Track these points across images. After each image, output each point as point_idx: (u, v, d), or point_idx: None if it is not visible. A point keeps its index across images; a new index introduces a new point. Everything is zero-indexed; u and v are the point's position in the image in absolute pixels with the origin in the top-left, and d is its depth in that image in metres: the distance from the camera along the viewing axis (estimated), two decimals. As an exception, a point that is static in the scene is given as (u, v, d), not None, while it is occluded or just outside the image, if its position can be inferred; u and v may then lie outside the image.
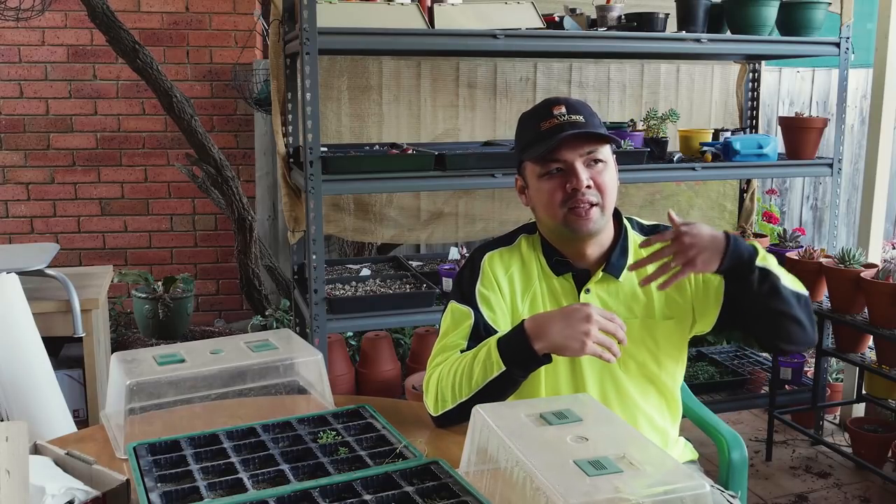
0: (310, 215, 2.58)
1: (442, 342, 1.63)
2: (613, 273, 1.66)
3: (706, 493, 1.06)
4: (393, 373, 3.42)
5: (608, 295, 1.67)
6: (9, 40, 4.12)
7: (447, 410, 1.53)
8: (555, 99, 1.63)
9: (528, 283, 1.68)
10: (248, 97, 3.91)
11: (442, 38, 2.67)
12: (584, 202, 1.57)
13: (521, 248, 1.71)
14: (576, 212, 1.57)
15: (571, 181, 1.57)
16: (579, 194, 1.56)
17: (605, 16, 2.91)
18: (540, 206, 1.63)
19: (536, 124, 1.60)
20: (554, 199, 1.59)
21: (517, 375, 1.48)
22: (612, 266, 1.66)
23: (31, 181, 4.24)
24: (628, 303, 1.67)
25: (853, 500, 2.94)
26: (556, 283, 1.67)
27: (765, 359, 3.79)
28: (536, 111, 1.64)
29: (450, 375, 1.53)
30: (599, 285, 1.66)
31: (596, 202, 1.58)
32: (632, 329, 1.65)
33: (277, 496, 1.19)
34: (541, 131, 1.58)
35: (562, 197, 1.58)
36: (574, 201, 1.57)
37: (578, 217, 1.58)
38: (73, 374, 2.58)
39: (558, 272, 1.67)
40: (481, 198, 3.49)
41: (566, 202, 1.58)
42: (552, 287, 1.68)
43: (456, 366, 1.54)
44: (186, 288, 3.91)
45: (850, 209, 4.82)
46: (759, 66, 3.65)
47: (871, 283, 2.79)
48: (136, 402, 1.45)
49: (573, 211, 1.58)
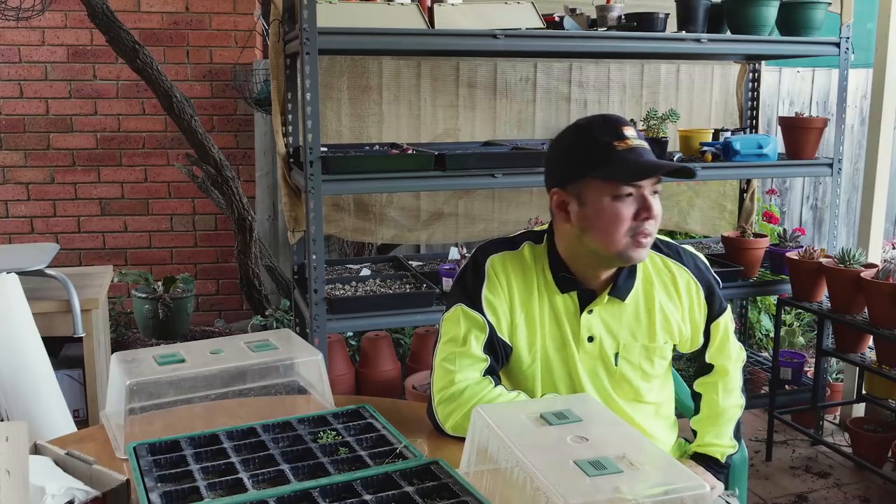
0: (310, 215, 2.58)
1: (459, 348, 1.57)
2: (619, 296, 1.63)
3: (706, 493, 1.06)
4: (393, 373, 3.42)
5: (611, 317, 1.64)
6: (9, 40, 4.13)
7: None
8: (621, 119, 1.57)
9: (527, 294, 1.63)
10: (248, 97, 3.91)
11: (442, 38, 2.67)
12: (649, 233, 1.54)
13: (525, 255, 1.65)
14: (638, 241, 1.53)
15: (645, 209, 1.52)
16: (647, 224, 1.53)
17: (605, 16, 2.91)
18: (599, 230, 1.53)
19: (609, 143, 1.51)
20: (622, 226, 1.52)
21: None
22: (618, 289, 1.62)
23: (31, 181, 4.24)
24: (631, 326, 1.65)
25: (853, 500, 2.94)
26: (559, 299, 1.63)
27: (765, 359, 3.79)
28: (605, 127, 1.54)
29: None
30: (604, 307, 1.63)
31: (653, 233, 1.56)
32: (631, 352, 1.65)
33: (277, 496, 1.19)
34: (617, 150, 1.51)
35: (630, 224, 1.52)
36: (640, 231, 1.52)
37: (639, 247, 1.53)
38: (73, 374, 2.57)
39: (563, 289, 1.62)
40: (481, 198, 3.48)
41: (631, 230, 1.52)
42: (553, 303, 1.63)
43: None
44: (186, 288, 3.91)
45: (850, 209, 4.82)
46: (759, 66, 3.65)
47: (871, 283, 2.79)
48: (136, 402, 1.45)
49: (636, 240, 1.53)
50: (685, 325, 1.69)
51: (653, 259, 1.68)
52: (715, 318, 1.72)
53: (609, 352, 1.64)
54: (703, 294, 1.69)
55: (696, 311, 1.69)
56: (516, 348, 1.63)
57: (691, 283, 1.68)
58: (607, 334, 1.64)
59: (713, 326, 1.73)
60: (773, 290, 3.33)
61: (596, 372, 1.65)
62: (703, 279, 1.70)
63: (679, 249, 1.72)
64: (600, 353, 1.64)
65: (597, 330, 1.63)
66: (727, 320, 1.74)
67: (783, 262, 3.21)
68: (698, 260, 1.73)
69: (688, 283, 1.68)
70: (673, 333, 1.68)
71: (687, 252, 1.73)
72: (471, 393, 1.53)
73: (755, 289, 3.33)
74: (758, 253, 3.27)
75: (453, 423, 1.52)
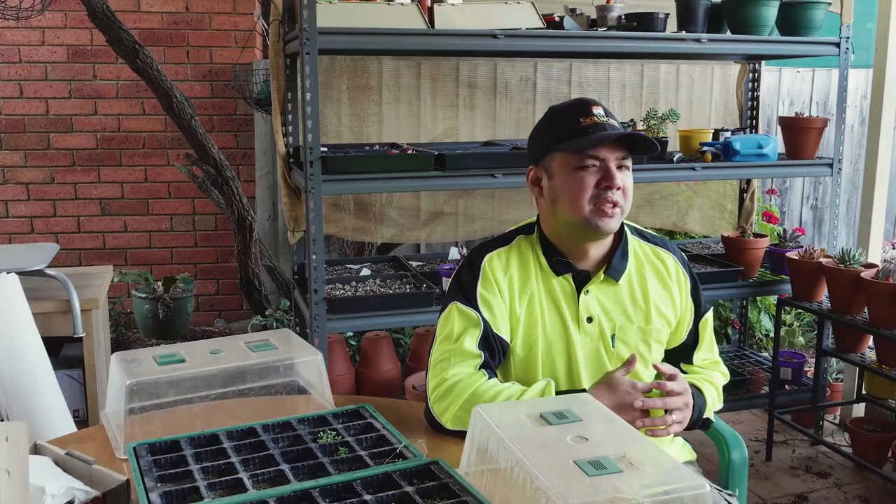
0: (310, 215, 2.58)
1: (452, 346, 1.61)
2: (614, 276, 1.68)
3: (706, 493, 1.06)
4: (393, 373, 3.42)
5: (606, 298, 1.68)
6: (9, 40, 4.13)
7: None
8: (591, 100, 1.66)
9: (526, 283, 1.67)
10: (248, 97, 3.91)
11: (442, 38, 2.67)
12: (611, 201, 1.59)
13: (520, 247, 1.71)
14: (602, 209, 1.59)
15: (606, 178, 1.59)
16: (609, 193, 1.59)
17: (605, 16, 2.90)
18: (565, 198, 1.62)
19: (576, 119, 1.62)
20: (584, 193, 1.59)
21: None
22: (612, 269, 1.68)
23: (31, 181, 4.24)
24: (625, 307, 1.69)
25: (853, 500, 2.94)
26: (555, 283, 1.67)
27: (765, 359, 3.79)
28: (573, 107, 1.65)
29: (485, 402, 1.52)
30: (599, 287, 1.68)
31: (619, 203, 1.61)
32: (628, 334, 1.68)
33: (277, 496, 1.19)
34: (582, 126, 1.60)
35: (592, 192, 1.59)
36: (602, 199, 1.59)
37: (604, 214, 1.60)
38: (73, 374, 2.58)
39: (558, 272, 1.67)
40: (481, 198, 3.49)
41: (594, 198, 1.59)
42: (550, 287, 1.68)
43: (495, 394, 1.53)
44: (186, 288, 3.91)
45: (850, 209, 4.82)
46: (759, 66, 3.65)
47: (871, 283, 2.79)
48: (136, 402, 1.45)
49: (599, 208, 1.59)
50: (678, 309, 1.74)
51: (642, 246, 1.75)
52: (703, 314, 1.78)
53: (607, 332, 1.68)
54: (689, 287, 1.76)
55: (685, 301, 1.75)
56: (518, 338, 1.66)
57: (680, 271, 1.75)
58: (604, 315, 1.68)
59: (701, 324, 1.78)
60: (773, 290, 3.33)
61: (597, 353, 1.68)
62: (689, 272, 1.77)
63: (666, 241, 1.81)
64: (600, 333, 1.68)
65: (594, 310, 1.67)
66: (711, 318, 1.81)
67: (783, 262, 3.21)
68: (683, 255, 1.80)
69: (677, 272, 1.75)
70: (668, 317, 1.72)
71: (673, 245, 1.80)
72: (464, 385, 1.56)
73: (755, 289, 3.33)
74: (758, 253, 3.27)
75: (450, 417, 1.54)
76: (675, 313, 1.73)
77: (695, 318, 1.77)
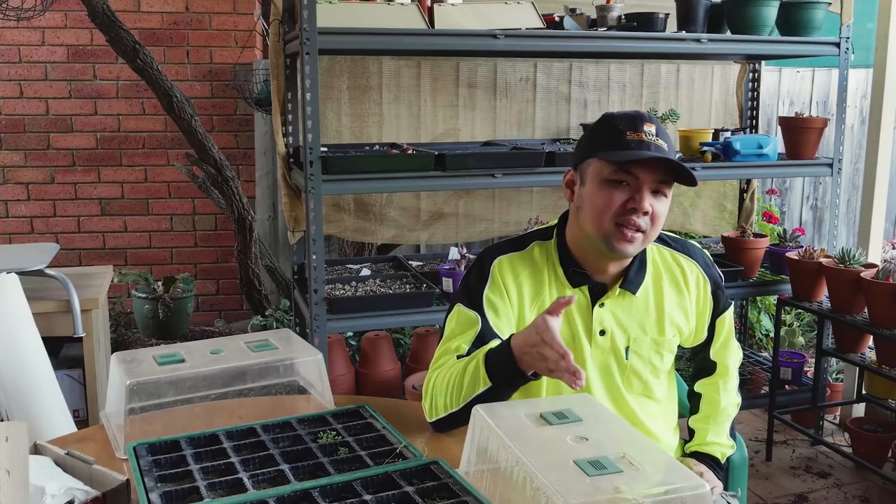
0: (310, 215, 2.58)
1: (445, 345, 1.61)
2: (630, 289, 1.64)
3: (706, 493, 1.06)
4: (393, 373, 3.42)
5: (622, 311, 1.64)
6: (9, 40, 4.12)
7: (439, 418, 1.52)
8: (647, 116, 1.59)
9: (538, 291, 1.64)
10: (248, 97, 3.91)
11: (442, 38, 2.67)
12: (635, 224, 1.53)
13: (534, 254, 1.66)
14: (623, 231, 1.53)
15: (634, 200, 1.52)
16: (634, 216, 1.52)
17: (605, 16, 2.91)
18: (589, 209, 1.56)
19: (623, 131, 1.54)
20: (608, 209, 1.53)
21: (503, 391, 1.45)
22: (629, 282, 1.63)
23: (31, 181, 4.24)
24: (641, 319, 1.66)
25: (853, 500, 2.94)
26: (569, 293, 1.62)
27: (765, 359, 3.79)
28: (625, 118, 1.57)
29: (442, 385, 1.52)
30: (615, 301, 1.64)
31: (644, 229, 1.54)
32: (641, 346, 1.66)
33: (277, 496, 1.19)
34: (626, 138, 1.53)
35: (617, 210, 1.52)
36: (625, 219, 1.52)
37: (623, 238, 1.53)
38: (73, 374, 2.57)
39: (574, 283, 1.63)
40: (482, 198, 3.48)
41: (618, 216, 1.53)
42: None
43: (448, 375, 1.52)
44: (186, 288, 3.90)
45: (850, 209, 4.82)
46: (759, 66, 3.65)
47: (871, 283, 2.79)
48: (136, 402, 1.45)
49: (620, 229, 1.53)
50: (692, 318, 1.71)
51: (661, 253, 1.70)
52: (721, 313, 1.75)
53: (620, 345, 1.65)
54: (710, 289, 1.72)
55: (703, 305, 1.72)
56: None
57: (700, 277, 1.71)
58: (618, 328, 1.64)
59: (718, 322, 1.75)
60: (773, 290, 3.33)
61: (607, 366, 1.66)
62: (711, 275, 1.73)
63: (687, 244, 1.75)
64: (612, 346, 1.64)
65: (608, 323, 1.64)
66: (731, 317, 1.78)
67: (783, 262, 3.21)
68: (706, 256, 1.76)
69: (697, 278, 1.71)
70: (680, 327, 1.70)
71: (695, 247, 1.75)
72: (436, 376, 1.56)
73: (755, 289, 3.33)
74: (758, 253, 3.27)
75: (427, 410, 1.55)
76: (688, 321, 1.70)
77: (712, 315, 1.74)
